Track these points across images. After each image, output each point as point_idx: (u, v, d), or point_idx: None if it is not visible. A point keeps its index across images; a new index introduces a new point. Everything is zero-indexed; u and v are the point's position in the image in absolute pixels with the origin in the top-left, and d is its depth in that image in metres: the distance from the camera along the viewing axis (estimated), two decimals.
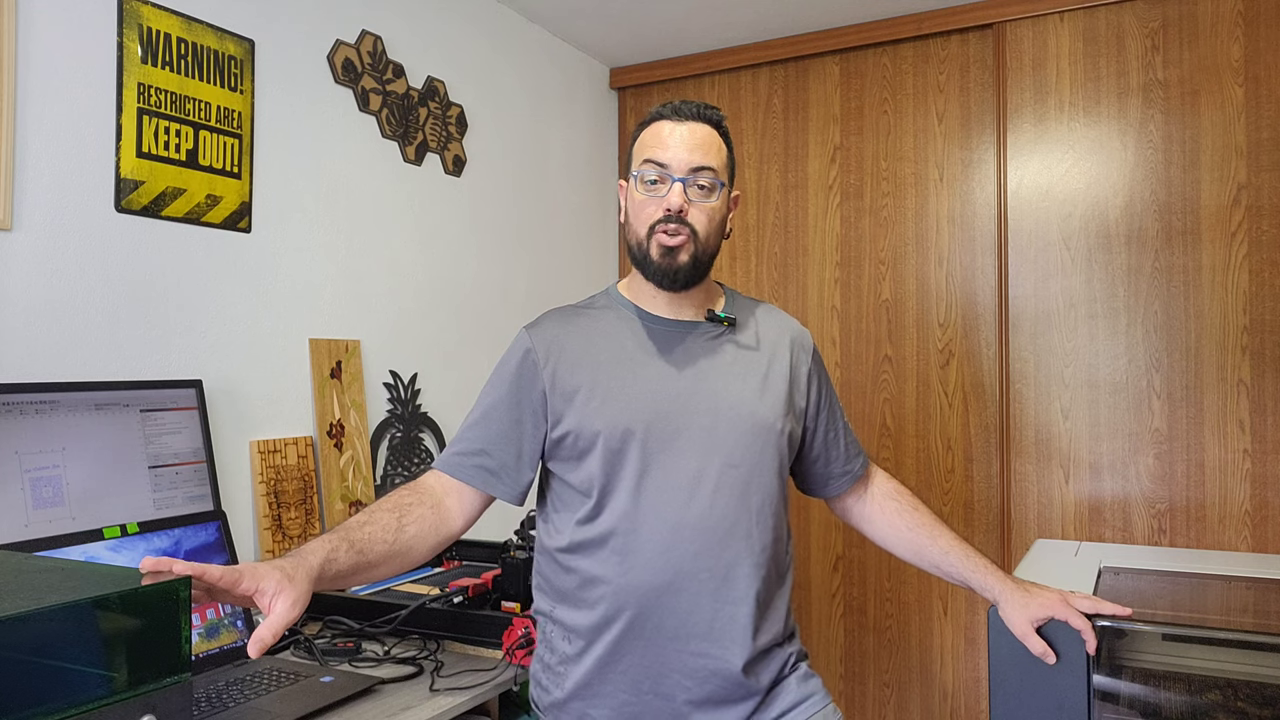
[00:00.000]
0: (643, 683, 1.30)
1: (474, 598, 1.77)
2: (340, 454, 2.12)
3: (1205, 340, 2.45)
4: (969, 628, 2.73)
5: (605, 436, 1.31)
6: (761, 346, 1.42)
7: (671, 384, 1.34)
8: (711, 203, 1.35)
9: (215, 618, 1.60)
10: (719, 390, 1.35)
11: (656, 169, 1.34)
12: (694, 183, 1.33)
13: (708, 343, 1.39)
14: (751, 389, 1.37)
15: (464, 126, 2.57)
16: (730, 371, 1.38)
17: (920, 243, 2.81)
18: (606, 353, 1.37)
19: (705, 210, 1.34)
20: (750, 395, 1.36)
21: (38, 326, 1.58)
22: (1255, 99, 2.41)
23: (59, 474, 1.52)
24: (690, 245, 1.33)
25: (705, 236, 1.34)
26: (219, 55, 1.88)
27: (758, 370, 1.40)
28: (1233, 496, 2.41)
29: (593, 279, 3.18)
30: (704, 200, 1.34)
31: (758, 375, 1.39)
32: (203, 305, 1.86)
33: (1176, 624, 1.56)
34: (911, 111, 2.84)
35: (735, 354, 1.40)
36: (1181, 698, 1.51)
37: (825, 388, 1.51)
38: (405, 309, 2.37)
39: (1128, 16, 2.55)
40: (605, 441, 1.31)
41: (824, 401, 1.49)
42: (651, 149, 1.35)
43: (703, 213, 1.34)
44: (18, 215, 1.56)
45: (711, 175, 1.34)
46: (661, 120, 1.36)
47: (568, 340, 1.38)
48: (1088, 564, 2.08)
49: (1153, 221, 2.51)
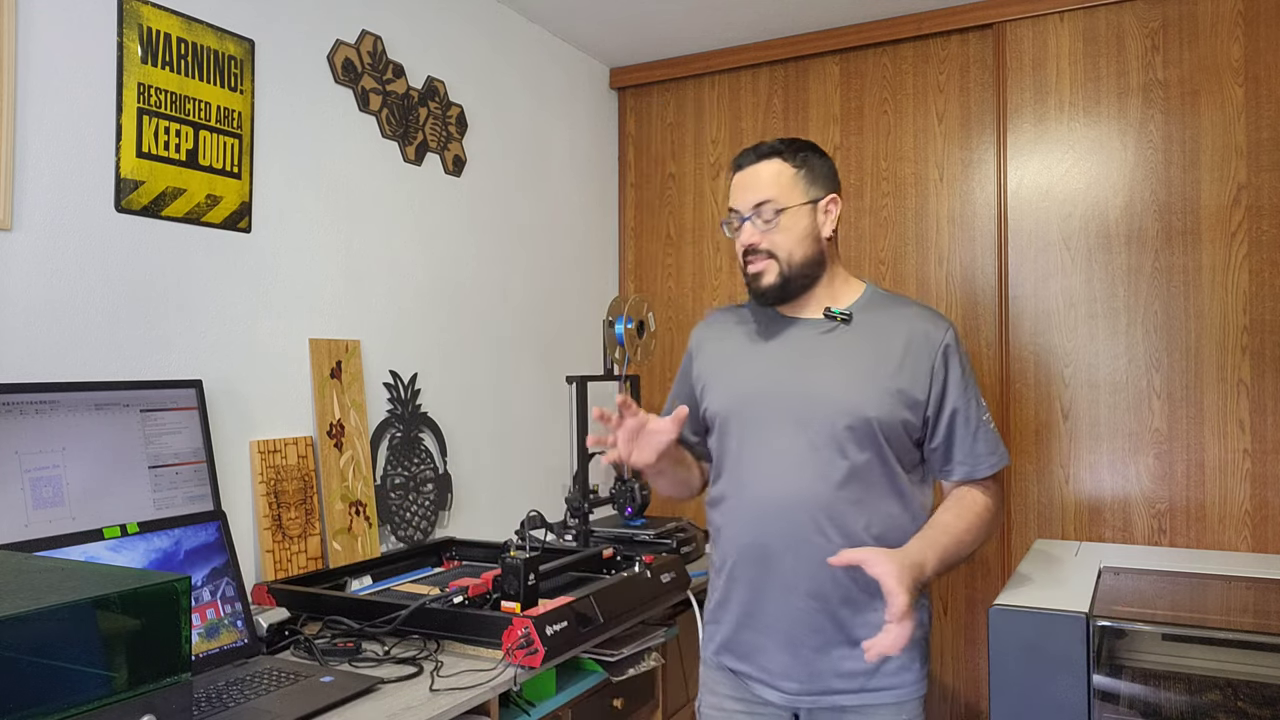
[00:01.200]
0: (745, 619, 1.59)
1: (474, 598, 1.77)
2: (340, 454, 2.12)
3: (1205, 340, 2.45)
4: (969, 628, 2.72)
5: (720, 417, 1.61)
6: (878, 340, 1.56)
7: (773, 372, 1.58)
8: (782, 224, 1.55)
9: (215, 618, 1.60)
10: (815, 378, 1.54)
11: (733, 214, 1.61)
12: (759, 217, 1.56)
13: (819, 336, 1.58)
14: (849, 377, 1.53)
15: (464, 126, 2.57)
16: (832, 362, 1.55)
17: (920, 243, 2.81)
18: (731, 345, 1.66)
19: (779, 233, 1.56)
20: (846, 383, 1.52)
21: (38, 326, 1.58)
22: (1255, 99, 2.41)
23: (59, 474, 1.52)
24: (775, 266, 1.56)
25: (788, 254, 1.56)
26: (219, 55, 1.88)
27: (863, 361, 1.54)
28: (1233, 496, 2.41)
29: (593, 279, 3.18)
30: (772, 228, 1.56)
31: (862, 365, 1.53)
32: (203, 305, 1.86)
33: (1176, 624, 1.56)
34: (911, 111, 2.84)
35: (843, 346, 1.56)
36: (1181, 698, 1.51)
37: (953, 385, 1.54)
38: (405, 309, 2.37)
39: (1128, 16, 2.55)
40: (719, 421, 1.61)
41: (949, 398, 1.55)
42: (730, 198, 1.62)
43: (778, 234, 1.55)
44: (18, 215, 1.56)
45: (771, 205, 1.55)
46: (734, 173, 1.62)
47: (710, 334, 1.71)
48: (1088, 564, 2.08)
49: (1153, 221, 2.51)
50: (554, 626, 1.63)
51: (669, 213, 3.23)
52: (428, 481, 2.38)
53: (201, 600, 1.59)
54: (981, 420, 1.55)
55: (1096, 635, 1.55)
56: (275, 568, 1.93)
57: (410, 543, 2.30)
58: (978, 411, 1.55)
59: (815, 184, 1.58)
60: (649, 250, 3.26)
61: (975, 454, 1.54)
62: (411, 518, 2.32)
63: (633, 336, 2.70)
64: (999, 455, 1.56)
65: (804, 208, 1.56)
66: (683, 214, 3.20)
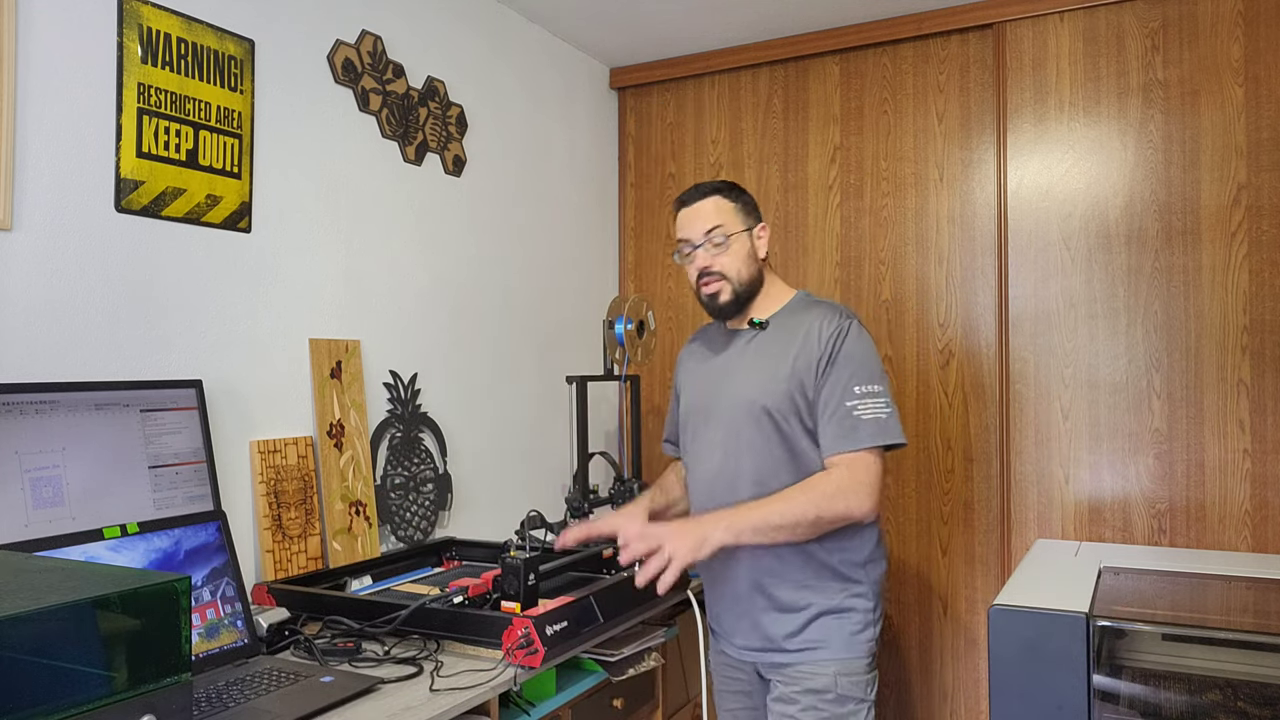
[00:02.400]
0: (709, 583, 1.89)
1: (474, 598, 1.77)
2: (340, 454, 2.12)
3: (1205, 340, 2.45)
4: (969, 628, 2.73)
5: (683, 421, 1.93)
6: (783, 340, 1.79)
7: (714, 378, 1.86)
8: (730, 248, 1.80)
9: (215, 618, 1.60)
10: (737, 381, 1.81)
11: (684, 244, 1.84)
12: (709, 242, 1.80)
13: (745, 344, 1.85)
14: (756, 379, 1.78)
15: (464, 126, 2.57)
16: (749, 365, 1.81)
17: (920, 243, 2.81)
18: (694, 363, 1.95)
19: (727, 255, 1.80)
20: (753, 383, 1.78)
21: (38, 326, 1.58)
22: (1255, 99, 2.41)
23: (59, 474, 1.52)
24: (728, 285, 1.80)
25: (736, 273, 1.80)
26: (219, 55, 1.88)
27: (768, 363, 1.78)
28: (1233, 496, 2.41)
29: (593, 279, 3.18)
30: (722, 251, 1.80)
31: (767, 367, 1.78)
32: (203, 305, 1.86)
33: (1176, 624, 1.56)
34: (911, 111, 2.84)
35: (758, 351, 1.81)
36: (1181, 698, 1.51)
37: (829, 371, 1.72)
38: (405, 309, 2.37)
39: (1128, 16, 2.55)
40: (683, 423, 1.93)
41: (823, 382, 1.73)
42: (679, 231, 1.86)
43: (726, 257, 1.80)
44: (18, 215, 1.56)
45: (720, 230, 1.79)
46: (679, 210, 1.86)
47: (686, 355, 2.01)
48: (1088, 564, 2.08)
49: (1153, 221, 2.51)
50: (554, 626, 1.63)
51: (669, 213, 3.23)
52: (428, 481, 2.38)
53: (201, 600, 1.59)
54: (844, 405, 1.70)
55: (1096, 635, 1.55)
56: (275, 568, 1.93)
57: (410, 543, 2.30)
58: (842, 395, 1.70)
59: (749, 215, 1.84)
60: (649, 250, 3.26)
61: (828, 434, 1.71)
62: (411, 518, 2.32)
63: (633, 337, 2.70)
64: (852, 439, 1.68)
65: (744, 234, 1.82)
66: None
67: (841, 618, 1.74)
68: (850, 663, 1.73)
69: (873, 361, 1.74)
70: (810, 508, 1.64)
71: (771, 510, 1.64)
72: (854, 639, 1.74)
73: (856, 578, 1.76)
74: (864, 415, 1.69)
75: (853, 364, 1.72)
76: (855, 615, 1.75)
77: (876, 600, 1.79)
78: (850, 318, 1.77)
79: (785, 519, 1.64)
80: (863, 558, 1.77)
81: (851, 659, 1.73)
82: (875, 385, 1.71)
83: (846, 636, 1.74)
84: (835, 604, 1.75)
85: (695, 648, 2.36)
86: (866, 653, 1.75)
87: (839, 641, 1.73)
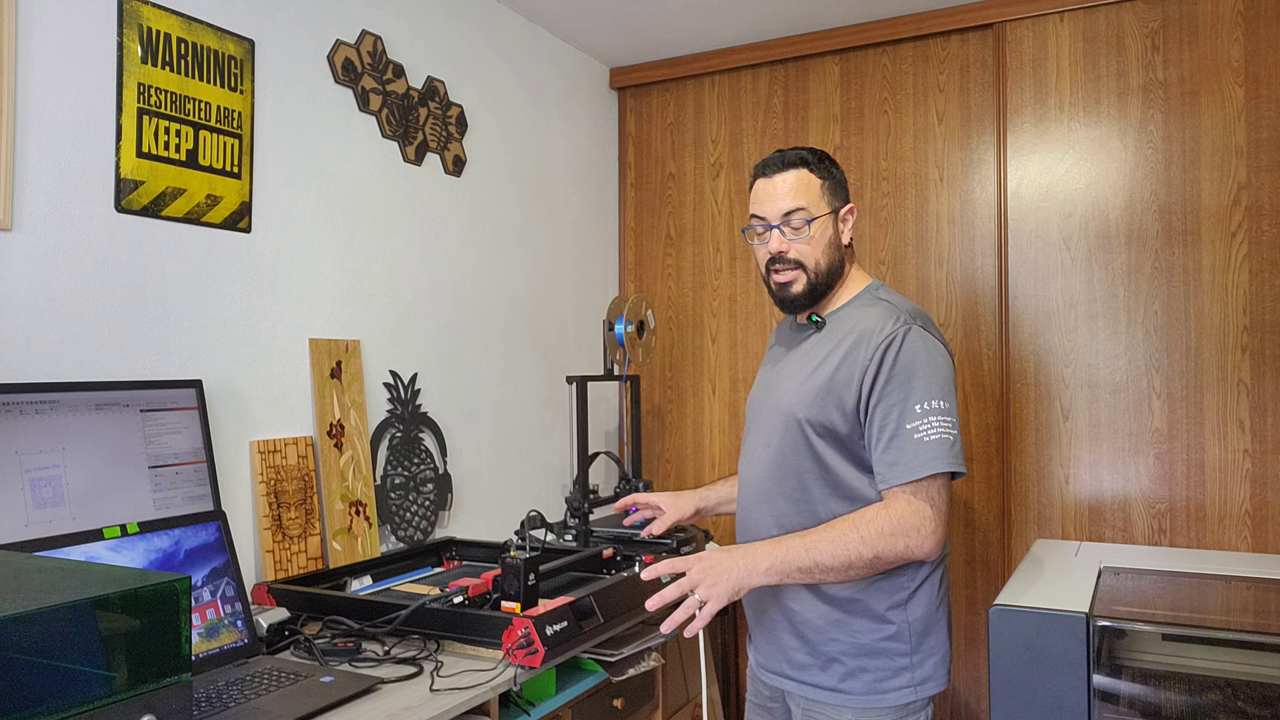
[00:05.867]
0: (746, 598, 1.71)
1: (474, 598, 1.77)
2: (340, 454, 2.12)
3: (1205, 340, 2.45)
4: (969, 628, 2.72)
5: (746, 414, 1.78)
6: (833, 343, 1.60)
7: (770, 378, 1.71)
8: (809, 234, 1.59)
9: (215, 618, 1.60)
10: (783, 386, 1.64)
11: (758, 221, 1.63)
12: (788, 225, 1.58)
13: (802, 342, 1.67)
14: (797, 382, 1.61)
15: (464, 126, 2.57)
16: (796, 367, 1.64)
17: (920, 243, 2.81)
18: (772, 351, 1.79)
19: (807, 243, 1.59)
20: (793, 391, 1.61)
21: (38, 326, 1.58)
22: (1255, 99, 2.41)
23: (59, 474, 1.52)
24: (803, 276, 1.60)
25: (815, 263, 1.60)
26: (219, 55, 1.88)
27: (812, 366, 1.60)
28: (1233, 496, 2.41)
29: (593, 279, 3.18)
30: (801, 237, 1.58)
31: (809, 370, 1.60)
32: (203, 305, 1.86)
33: (1176, 624, 1.56)
34: (911, 111, 2.84)
35: (807, 354, 1.63)
36: (1181, 698, 1.51)
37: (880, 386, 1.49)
38: (405, 309, 2.37)
39: (1128, 16, 2.55)
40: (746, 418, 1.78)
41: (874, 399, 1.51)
42: (753, 205, 1.64)
43: (806, 245, 1.59)
44: (18, 215, 1.56)
45: (802, 214, 1.58)
46: (757, 179, 1.64)
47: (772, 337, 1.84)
48: (1088, 564, 2.08)
49: (1153, 221, 2.51)
50: (554, 626, 1.63)
51: (669, 213, 3.23)
52: (428, 481, 2.38)
53: (201, 600, 1.59)
54: (904, 427, 1.46)
55: (1096, 635, 1.55)
56: (275, 568, 1.93)
57: (410, 543, 2.30)
58: (900, 417, 1.47)
59: (836, 194, 1.62)
60: (649, 250, 3.26)
61: (885, 461, 1.48)
62: (411, 518, 2.32)
63: (633, 337, 2.70)
64: (913, 468, 1.45)
65: (829, 217, 1.60)
66: (683, 214, 3.20)
67: (867, 661, 1.54)
68: (871, 714, 1.53)
69: (934, 373, 1.49)
70: (865, 549, 1.44)
71: (820, 550, 1.45)
72: (877, 688, 1.53)
73: (890, 618, 1.53)
74: (927, 437, 1.45)
75: (911, 378, 1.48)
76: (883, 661, 1.53)
77: (916, 647, 1.54)
78: (909, 322, 1.52)
79: (837, 559, 1.45)
80: (902, 596, 1.54)
81: (872, 711, 1.53)
82: (939, 400, 1.47)
83: (869, 684, 1.53)
84: (861, 644, 1.54)
85: (695, 648, 2.36)
86: (893, 706, 1.52)
87: (860, 688, 1.53)
